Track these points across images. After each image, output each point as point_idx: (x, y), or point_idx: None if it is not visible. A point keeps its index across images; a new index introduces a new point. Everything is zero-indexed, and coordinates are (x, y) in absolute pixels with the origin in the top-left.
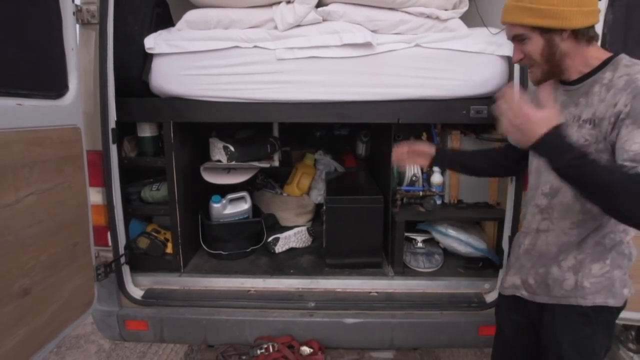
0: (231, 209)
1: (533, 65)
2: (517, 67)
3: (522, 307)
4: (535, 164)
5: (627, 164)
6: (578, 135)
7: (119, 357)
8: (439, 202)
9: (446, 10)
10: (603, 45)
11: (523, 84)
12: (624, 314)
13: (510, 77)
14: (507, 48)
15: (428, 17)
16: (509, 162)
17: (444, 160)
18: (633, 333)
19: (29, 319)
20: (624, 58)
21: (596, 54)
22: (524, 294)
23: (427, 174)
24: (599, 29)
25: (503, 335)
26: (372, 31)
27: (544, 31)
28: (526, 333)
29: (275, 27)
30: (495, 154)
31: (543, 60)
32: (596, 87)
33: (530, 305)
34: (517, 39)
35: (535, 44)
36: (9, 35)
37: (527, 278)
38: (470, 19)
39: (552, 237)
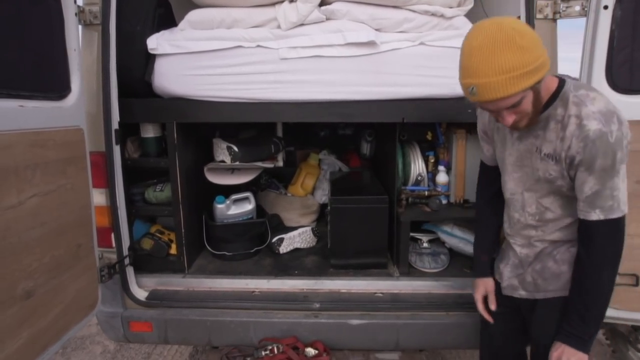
0: (235, 209)
1: (523, 118)
2: None
3: (511, 298)
4: (510, 184)
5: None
6: (544, 167)
7: (124, 358)
8: (444, 201)
9: (451, 7)
10: (611, 41)
11: None
12: (632, 315)
13: None
14: None
15: (432, 15)
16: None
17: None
18: None
19: (32, 321)
20: (570, 92)
21: (546, 85)
22: (522, 293)
23: (432, 174)
24: (607, 26)
25: (487, 330)
26: (376, 30)
27: (535, 84)
28: (508, 322)
29: (278, 27)
30: (494, 192)
31: (534, 109)
32: (552, 124)
33: (523, 301)
34: (511, 108)
35: (528, 99)
36: (11, 37)
37: (525, 277)
38: (476, 16)
39: (545, 243)
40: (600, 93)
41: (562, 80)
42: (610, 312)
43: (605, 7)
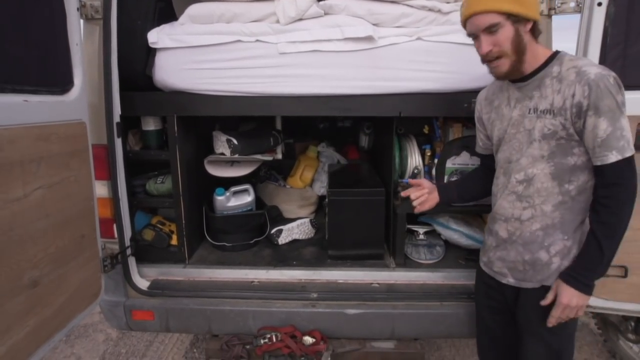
0: (235, 201)
1: (502, 56)
2: None
3: (499, 290)
4: (504, 153)
5: (597, 162)
6: (540, 125)
7: (126, 345)
8: None
9: (448, 3)
10: (605, 39)
11: None
12: (621, 306)
13: None
14: None
15: (430, 10)
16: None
17: (447, 195)
18: (632, 324)
19: (38, 309)
20: (566, 54)
21: (542, 50)
22: (510, 281)
23: (428, 167)
24: (600, 22)
25: (484, 323)
26: (374, 24)
27: (515, 20)
28: (502, 315)
29: (277, 21)
30: (483, 172)
31: (513, 49)
32: (547, 81)
33: (507, 288)
34: (488, 30)
35: (507, 33)
36: (15, 33)
37: (514, 266)
38: None
39: (537, 224)
40: None
41: (559, 51)
42: (600, 303)
43: (599, 4)
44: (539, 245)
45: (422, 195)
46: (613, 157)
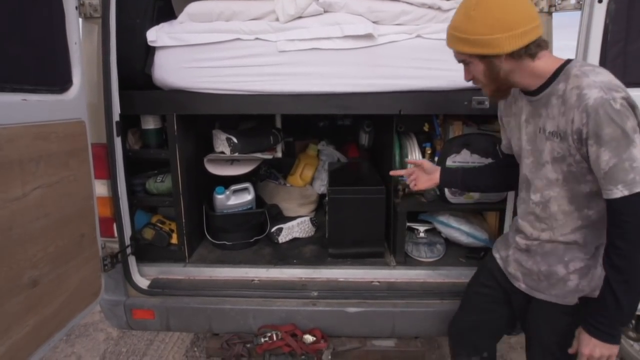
0: (235, 200)
1: (481, 85)
2: None
3: (506, 286)
4: (523, 170)
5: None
6: (550, 147)
7: (127, 344)
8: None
9: (448, 0)
10: (605, 36)
11: None
12: None
13: None
14: None
15: (429, 7)
16: (512, 172)
17: (451, 179)
18: (633, 322)
19: (38, 309)
20: (574, 67)
21: (545, 65)
22: (521, 286)
23: None
24: (601, 20)
25: (470, 303)
26: (374, 22)
27: (481, 57)
28: (493, 305)
29: (277, 19)
30: (498, 166)
31: (488, 80)
32: (553, 100)
33: (517, 292)
34: (461, 62)
35: (478, 67)
36: (13, 32)
37: (529, 273)
38: None
39: (557, 241)
40: (608, 72)
41: (568, 60)
42: None
43: (600, 1)
44: (558, 258)
45: (413, 173)
46: (619, 193)
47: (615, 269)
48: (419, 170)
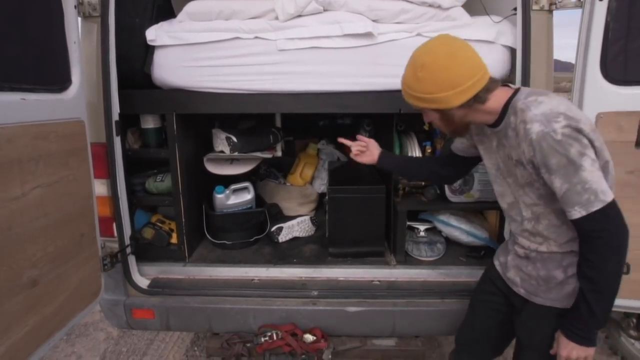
0: (234, 199)
1: (439, 128)
2: (519, 55)
3: (506, 291)
4: (511, 192)
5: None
6: (520, 173)
7: (127, 344)
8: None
9: None
10: (606, 33)
11: (525, 73)
12: (623, 302)
13: (512, 66)
14: (509, 37)
15: (430, 6)
16: (449, 171)
17: (387, 162)
18: (634, 320)
19: (38, 308)
20: (519, 100)
21: (496, 103)
22: (520, 291)
23: None
24: (602, 17)
25: (474, 311)
26: (373, 21)
27: (434, 109)
28: (497, 312)
29: (276, 18)
30: (434, 164)
31: (444, 125)
32: (509, 132)
33: (516, 296)
34: (420, 111)
35: (431, 115)
36: (11, 31)
37: (529, 278)
38: (473, 7)
39: (554, 250)
40: (554, 96)
41: (516, 91)
42: None
43: None
44: (556, 264)
45: (360, 146)
46: (577, 214)
47: (588, 280)
48: (366, 147)
